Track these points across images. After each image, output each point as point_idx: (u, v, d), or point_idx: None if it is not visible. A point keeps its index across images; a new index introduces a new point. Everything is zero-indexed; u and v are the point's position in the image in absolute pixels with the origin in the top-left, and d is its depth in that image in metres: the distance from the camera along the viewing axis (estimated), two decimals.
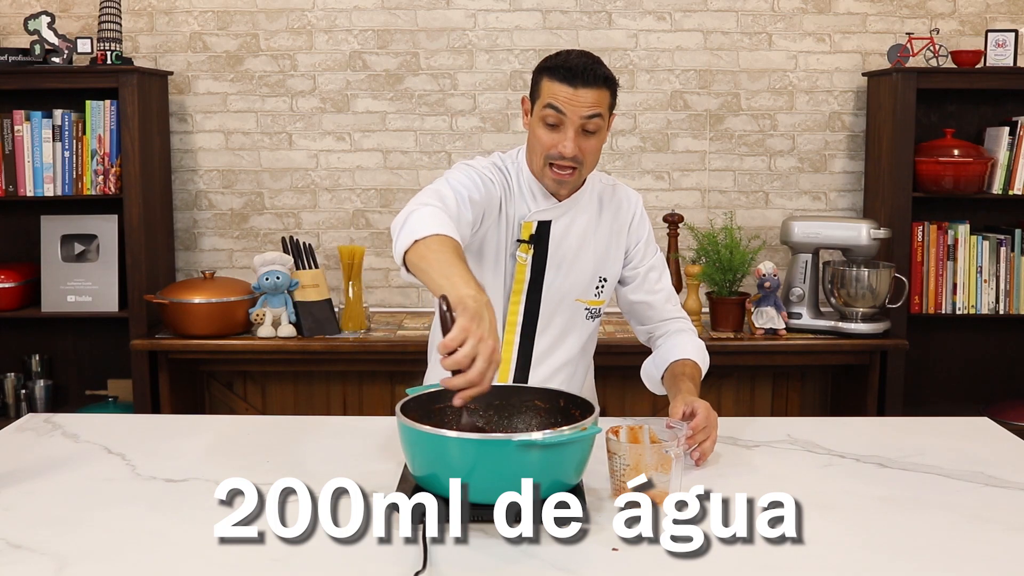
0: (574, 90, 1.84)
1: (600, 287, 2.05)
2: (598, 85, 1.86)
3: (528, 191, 1.97)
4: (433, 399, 1.62)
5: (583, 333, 2.06)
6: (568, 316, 2.03)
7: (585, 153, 1.89)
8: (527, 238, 1.96)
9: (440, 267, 1.57)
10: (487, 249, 1.97)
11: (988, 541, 1.42)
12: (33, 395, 3.46)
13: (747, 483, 1.65)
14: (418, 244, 1.64)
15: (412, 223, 1.68)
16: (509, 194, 1.97)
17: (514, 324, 2.00)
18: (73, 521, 1.48)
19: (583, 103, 1.85)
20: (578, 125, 1.86)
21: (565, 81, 1.85)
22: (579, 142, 1.87)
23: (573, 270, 2.00)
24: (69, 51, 3.26)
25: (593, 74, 1.86)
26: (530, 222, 1.96)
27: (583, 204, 2.00)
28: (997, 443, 1.90)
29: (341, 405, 3.45)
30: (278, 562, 1.34)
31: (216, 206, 3.60)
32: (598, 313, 2.08)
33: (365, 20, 3.51)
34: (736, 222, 3.52)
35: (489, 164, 1.98)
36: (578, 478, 1.50)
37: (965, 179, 3.28)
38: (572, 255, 2.00)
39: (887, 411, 3.23)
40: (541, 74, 1.90)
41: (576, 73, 1.84)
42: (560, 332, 2.03)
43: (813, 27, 3.53)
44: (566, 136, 1.86)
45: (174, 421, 2.17)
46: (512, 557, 1.35)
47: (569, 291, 2.01)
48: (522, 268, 1.97)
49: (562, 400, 1.65)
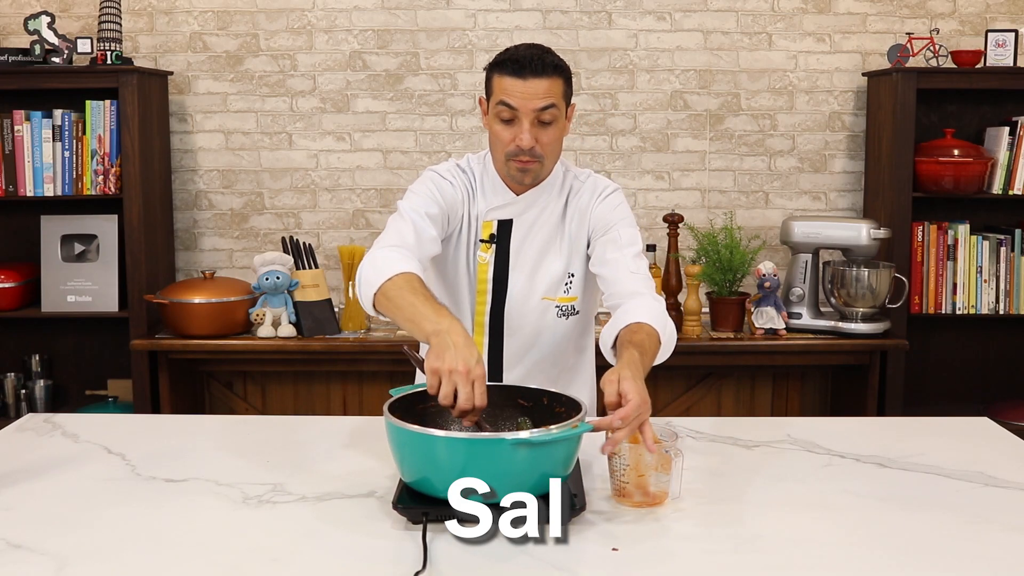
0: (524, 82, 1.82)
1: (569, 283, 2.00)
2: (548, 74, 1.84)
3: (491, 190, 1.97)
4: (418, 399, 1.62)
5: (556, 332, 2.01)
6: (537, 315, 1.99)
7: (543, 144, 1.87)
8: (487, 237, 1.96)
9: (403, 311, 1.68)
10: (453, 251, 1.97)
11: (988, 541, 1.42)
12: (33, 395, 3.46)
13: (747, 483, 1.66)
14: (380, 291, 1.73)
15: (369, 271, 1.77)
16: (471, 194, 1.97)
17: (482, 325, 1.99)
18: (73, 521, 1.48)
19: (534, 94, 1.83)
20: (532, 117, 1.84)
21: (514, 74, 1.83)
22: (536, 133, 1.85)
23: (539, 269, 1.98)
24: (69, 51, 3.26)
25: (542, 63, 1.83)
26: (490, 221, 1.96)
27: (544, 200, 1.97)
28: (997, 443, 1.90)
29: (341, 405, 3.45)
30: (278, 562, 1.34)
31: (216, 206, 3.60)
32: (572, 311, 2.01)
33: (365, 20, 3.51)
34: (736, 222, 3.52)
35: (452, 166, 2.00)
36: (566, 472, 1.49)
37: (965, 179, 3.28)
38: (536, 254, 1.97)
39: (887, 411, 3.23)
40: (492, 70, 1.88)
41: (524, 64, 1.82)
42: (531, 332, 2.00)
43: (813, 27, 3.53)
44: (521, 128, 1.84)
45: (174, 421, 2.17)
46: (512, 557, 1.35)
47: (534, 290, 1.98)
48: (484, 268, 1.97)
49: (546, 398, 1.64)
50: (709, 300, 3.29)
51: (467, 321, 2.00)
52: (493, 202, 1.96)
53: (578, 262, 2.01)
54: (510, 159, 1.88)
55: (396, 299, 1.70)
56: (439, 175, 1.96)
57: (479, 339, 1.99)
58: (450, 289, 2.01)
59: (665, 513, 1.51)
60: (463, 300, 1.99)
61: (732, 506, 1.55)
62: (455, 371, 1.47)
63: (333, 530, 1.44)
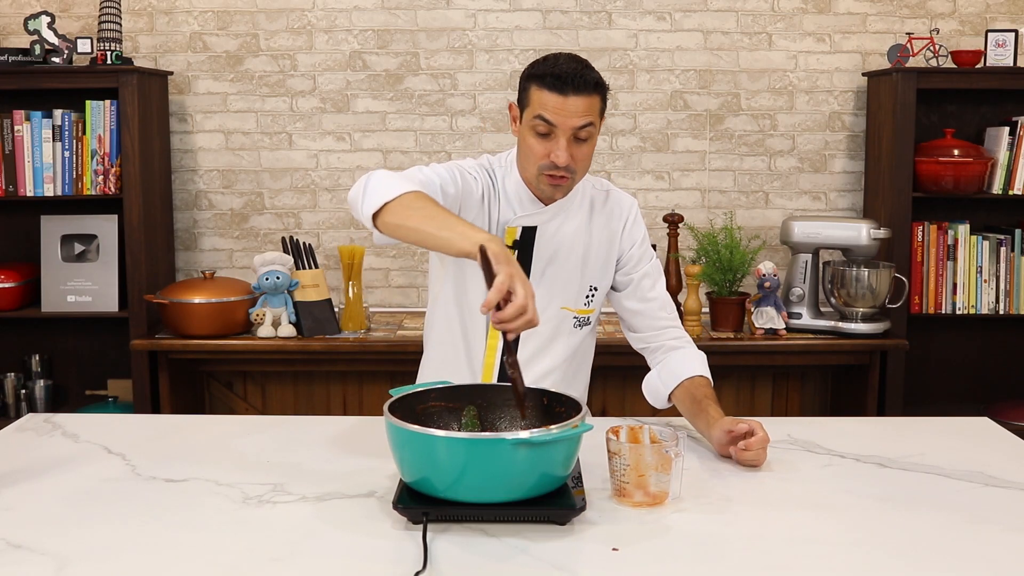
0: (564, 98, 1.79)
1: (590, 296, 2.01)
2: (589, 92, 1.80)
3: (514, 195, 1.94)
4: (418, 399, 1.61)
5: (570, 341, 2.02)
6: (554, 324, 1.99)
7: (577, 160, 1.85)
8: (510, 243, 1.93)
9: (434, 220, 1.58)
10: None
11: (988, 541, 1.42)
12: (33, 395, 3.46)
13: (747, 483, 1.66)
14: (391, 204, 1.62)
15: (376, 186, 1.66)
16: (493, 196, 1.94)
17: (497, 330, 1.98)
18: (73, 521, 1.48)
19: (574, 112, 1.79)
20: (570, 134, 1.82)
21: (555, 89, 1.79)
22: (571, 150, 1.83)
23: (559, 278, 1.97)
24: (69, 51, 3.26)
25: (583, 80, 1.79)
26: (514, 227, 1.93)
27: (572, 210, 1.97)
28: (997, 443, 1.90)
29: (341, 405, 3.45)
30: (278, 562, 1.34)
31: (216, 206, 3.60)
32: (587, 322, 2.03)
33: (365, 20, 3.51)
34: (736, 222, 3.52)
35: (475, 164, 1.96)
36: (567, 472, 1.49)
37: (965, 179, 3.28)
38: (558, 262, 1.97)
39: (887, 411, 3.23)
40: (529, 81, 1.84)
41: (566, 81, 1.78)
42: (545, 339, 1.99)
43: (813, 27, 3.53)
44: (558, 145, 1.82)
45: (174, 421, 2.17)
46: (512, 557, 1.35)
47: (554, 298, 1.97)
48: None
49: (546, 398, 1.64)
50: (709, 300, 3.29)
51: (482, 325, 1.98)
52: (519, 209, 1.94)
53: (601, 278, 2.02)
54: (542, 173, 1.86)
55: (423, 207, 1.62)
56: (465, 170, 1.92)
57: (493, 343, 1.97)
58: (466, 293, 1.97)
59: (665, 513, 1.51)
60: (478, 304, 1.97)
61: (732, 506, 1.55)
62: (526, 283, 1.48)
63: (333, 530, 1.44)
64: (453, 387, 1.68)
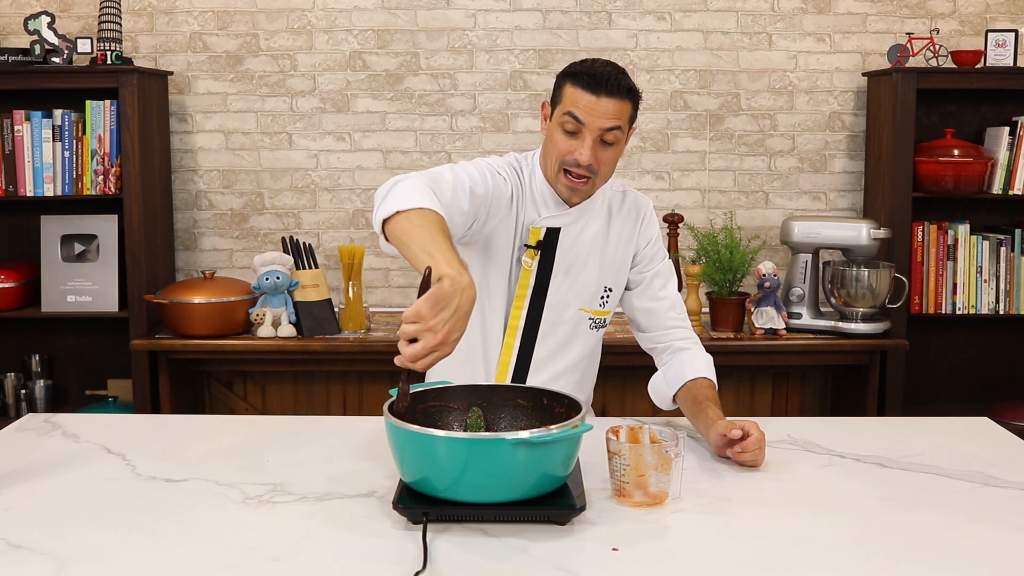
0: (596, 99, 1.82)
1: (605, 297, 2.03)
2: (621, 96, 1.84)
3: (540, 196, 1.96)
4: (418, 399, 1.61)
5: (586, 342, 2.04)
6: (572, 325, 2.01)
7: (601, 163, 1.87)
8: (534, 244, 1.95)
9: (422, 241, 1.54)
10: (494, 249, 1.96)
11: (988, 541, 1.42)
12: (33, 395, 3.46)
13: (747, 483, 1.66)
14: (400, 215, 1.61)
15: (396, 193, 1.65)
16: (521, 195, 1.95)
17: (515, 329, 1.98)
18: (73, 521, 1.48)
19: (604, 113, 1.82)
20: (597, 135, 1.84)
21: (588, 89, 1.82)
22: (596, 151, 1.85)
23: (579, 279, 1.99)
24: (69, 51, 3.26)
25: (617, 84, 1.83)
26: (538, 228, 1.95)
27: (594, 212, 1.99)
28: (997, 443, 1.90)
29: (341, 405, 3.45)
30: (278, 562, 1.34)
31: (216, 206, 3.60)
32: (603, 323, 2.06)
33: (365, 20, 3.51)
34: (736, 222, 3.52)
35: (504, 163, 1.97)
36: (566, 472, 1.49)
37: (965, 179, 3.28)
38: (579, 264, 1.99)
39: (887, 411, 3.23)
40: (565, 79, 1.87)
41: (600, 81, 1.82)
42: (562, 340, 2.01)
43: (813, 27, 3.53)
44: (584, 144, 1.84)
45: (174, 421, 2.17)
46: (512, 557, 1.35)
47: (574, 300, 2.00)
48: (527, 274, 1.96)
49: (546, 398, 1.64)
50: (709, 300, 3.29)
51: (500, 324, 1.99)
52: (544, 211, 1.95)
53: (617, 279, 2.03)
54: (561, 171, 1.88)
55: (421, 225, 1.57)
56: (495, 169, 1.92)
57: (510, 342, 1.99)
58: (487, 290, 1.98)
59: (665, 513, 1.51)
60: (498, 302, 1.98)
61: (732, 506, 1.55)
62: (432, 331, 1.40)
63: (333, 530, 1.44)
64: (453, 387, 1.68)
